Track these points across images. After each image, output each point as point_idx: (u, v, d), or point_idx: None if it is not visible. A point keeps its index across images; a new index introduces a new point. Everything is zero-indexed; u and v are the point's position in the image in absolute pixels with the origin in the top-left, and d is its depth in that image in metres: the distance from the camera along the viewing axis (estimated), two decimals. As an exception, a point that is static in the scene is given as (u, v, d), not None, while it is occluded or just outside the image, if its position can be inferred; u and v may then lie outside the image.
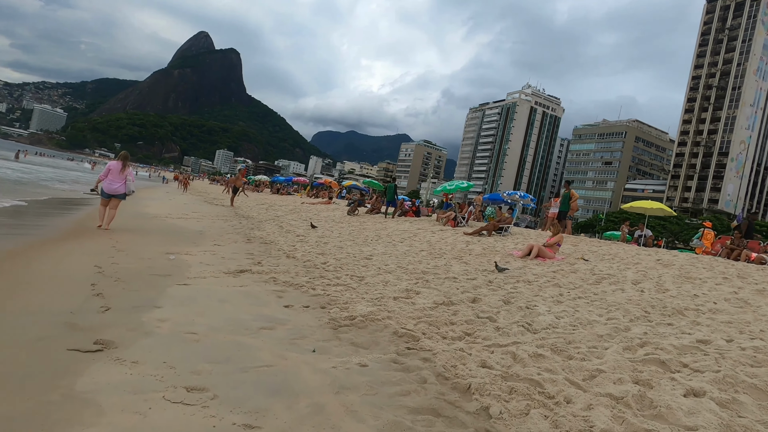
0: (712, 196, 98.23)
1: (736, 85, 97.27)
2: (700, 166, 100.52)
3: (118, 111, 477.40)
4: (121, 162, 9.80)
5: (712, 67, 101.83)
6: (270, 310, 4.54)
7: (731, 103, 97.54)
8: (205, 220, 13.51)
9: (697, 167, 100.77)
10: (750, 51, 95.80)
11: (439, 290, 5.98)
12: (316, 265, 7.22)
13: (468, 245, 11.26)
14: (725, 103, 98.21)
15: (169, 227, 11.12)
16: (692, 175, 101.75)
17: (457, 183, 17.33)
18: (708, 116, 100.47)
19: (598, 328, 4.60)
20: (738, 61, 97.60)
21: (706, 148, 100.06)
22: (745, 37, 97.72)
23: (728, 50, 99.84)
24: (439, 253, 9.75)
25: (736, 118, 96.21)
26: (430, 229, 14.28)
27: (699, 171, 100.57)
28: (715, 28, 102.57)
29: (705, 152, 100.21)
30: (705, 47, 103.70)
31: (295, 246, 9.28)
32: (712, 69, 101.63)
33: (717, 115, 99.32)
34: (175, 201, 21.79)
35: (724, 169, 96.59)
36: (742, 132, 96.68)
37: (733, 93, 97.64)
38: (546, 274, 7.88)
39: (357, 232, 12.86)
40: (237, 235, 10.45)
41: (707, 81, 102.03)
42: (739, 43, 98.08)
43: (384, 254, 8.99)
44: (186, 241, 8.80)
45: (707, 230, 17.61)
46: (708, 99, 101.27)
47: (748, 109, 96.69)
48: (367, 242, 10.85)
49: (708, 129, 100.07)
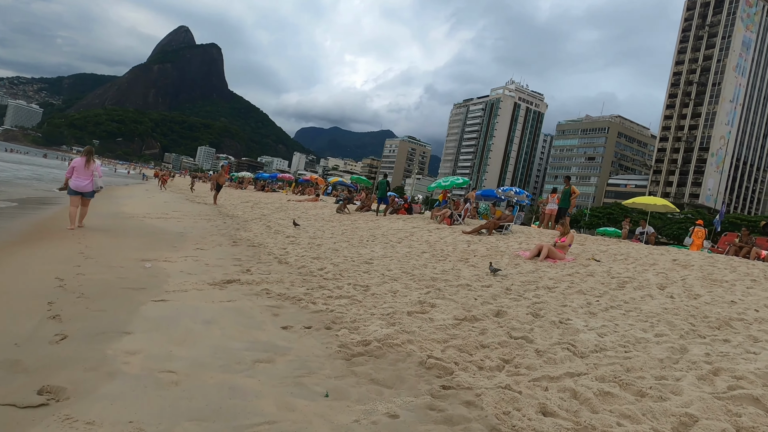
0: (693, 190, 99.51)
1: (716, 81, 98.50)
2: (682, 161, 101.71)
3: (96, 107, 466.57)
4: (84, 158, 9.13)
5: (692, 64, 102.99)
6: (266, 335, 3.76)
7: (711, 98, 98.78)
8: (187, 220, 12.60)
9: (679, 162, 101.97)
10: (729, 47, 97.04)
11: (456, 301, 5.26)
12: (312, 272, 6.44)
13: (470, 245, 10.58)
14: (705, 99, 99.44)
15: (147, 228, 10.20)
16: (674, 170, 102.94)
17: (452, 179, 16.51)
18: (689, 112, 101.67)
19: (652, 348, 3.93)
20: (718, 58, 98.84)
21: (687, 143, 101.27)
22: (724, 34, 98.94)
23: (708, 47, 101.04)
24: (442, 254, 9.04)
25: (716, 114, 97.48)
26: (425, 228, 13.58)
27: (680, 166, 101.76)
28: (696, 24, 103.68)
29: (686, 147, 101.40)
30: (686, 44, 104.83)
31: (287, 249, 8.47)
32: (693, 65, 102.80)
33: (698, 110, 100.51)
34: (155, 199, 20.72)
35: (705, 164, 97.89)
36: (722, 127, 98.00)
37: (713, 89, 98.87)
38: (563, 278, 7.23)
39: (350, 232, 12.08)
40: (222, 237, 9.60)
41: (688, 77, 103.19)
42: (719, 40, 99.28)
43: (384, 257, 8.24)
44: (165, 245, 7.94)
45: (698, 228, 17.33)
46: (689, 95, 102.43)
47: (728, 104, 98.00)
48: (364, 243, 10.08)
49: (689, 124, 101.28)
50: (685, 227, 57.08)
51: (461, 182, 16.59)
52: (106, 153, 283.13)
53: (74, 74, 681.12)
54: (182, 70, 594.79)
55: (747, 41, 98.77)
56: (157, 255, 6.84)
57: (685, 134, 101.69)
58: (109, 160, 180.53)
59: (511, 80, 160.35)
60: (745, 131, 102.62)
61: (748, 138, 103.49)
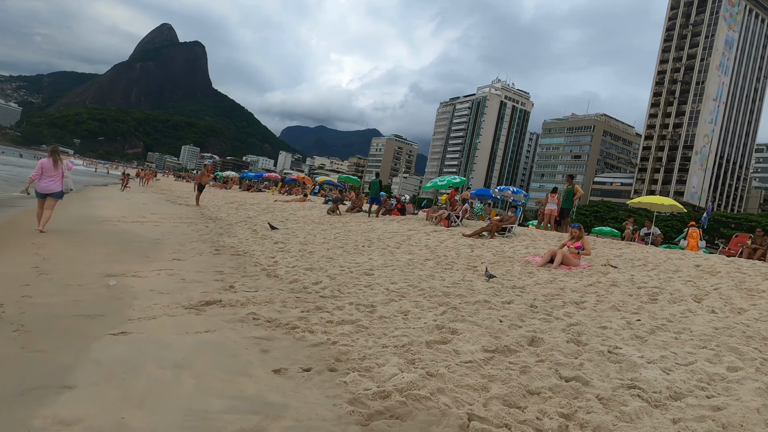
0: (677, 188, 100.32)
1: (700, 79, 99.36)
2: (666, 159, 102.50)
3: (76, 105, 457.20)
4: (51, 158, 8.66)
5: (676, 62, 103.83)
6: (254, 384, 2.90)
7: (695, 97, 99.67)
8: (165, 224, 11.62)
9: (664, 160, 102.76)
10: (713, 46, 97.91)
11: (479, 324, 4.44)
12: (306, 288, 5.57)
13: (473, 250, 9.80)
14: (690, 98, 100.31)
15: (119, 235, 9.22)
16: (659, 168, 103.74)
17: (449, 178, 15.62)
18: (673, 110, 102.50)
19: (737, 390, 3.15)
20: (701, 57, 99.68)
21: (672, 141, 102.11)
22: (708, 33, 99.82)
23: (692, 45, 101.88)
24: (447, 262, 8.24)
25: (700, 112, 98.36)
26: (422, 230, 12.77)
27: (665, 164, 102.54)
28: (680, 23, 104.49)
29: (671, 145, 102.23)
30: (670, 42, 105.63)
31: (276, 258, 7.58)
32: (677, 64, 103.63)
33: (682, 109, 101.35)
34: (133, 200, 19.59)
35: (689, 162, 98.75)
36: (706, 125, 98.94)
37: (697, 87, 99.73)
38: (586, 290, 6.47)
39: (343, 236, 11.23)
40: (203, 244, 8.67)
41: (672, 76, 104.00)
42: (703, 39, 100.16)
43: (385, 266, 7.40)
44: (137, 255, 7.01)
45: (692, 229, 17.05)
46: (673, 93, 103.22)
47: (711, 103, 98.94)
48: (360, 250, 9.22)
49: (673, 123, 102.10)
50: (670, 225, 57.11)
51: (458, 182, 15.74)
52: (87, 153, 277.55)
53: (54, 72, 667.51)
54: (165, 69, 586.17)
55: (730, 40, 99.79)
56: (125, 268, 5.92)
57: (670, 132, 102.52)
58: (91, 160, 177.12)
59: (497, 79, 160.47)
60: (728, 129, 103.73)
61: (730, 136, 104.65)
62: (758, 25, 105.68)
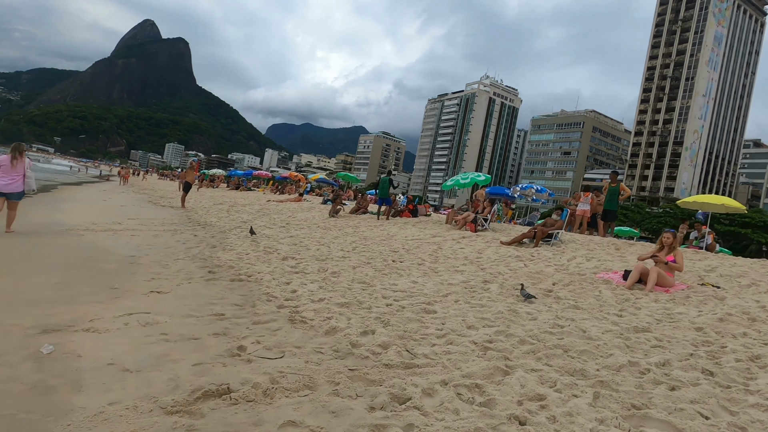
0: (668, 184, 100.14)
1: (690, 75, 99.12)
2: (656, 155, 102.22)
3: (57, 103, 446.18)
4: (10, 155, 8.03)
5: (666, 58, 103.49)
6: None
7: (685, 93, 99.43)
8: (145, 233, 9.56)
9: (653, 156, 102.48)
10: (702, 42, 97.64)
11: (676, 427, 2.58)
12: (356, 346, 3.60)
13: (525, 263, 7.95)
14: (679, 94, 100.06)
15: (83, 250, 7.16)
16: (649, 164, 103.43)
17: (472, 175, 13.54)
18: (663, 106, 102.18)
19: None
20: (691, 52, 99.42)
21: (662, 137, 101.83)
22: (697, 29, 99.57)
23: (681, 41, 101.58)
24: (509, 284, 6.36)
25: (690, 108, 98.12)
26: (448, 236, 10.89)
27: (655, 160, 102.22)
28: (669, 19, 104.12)
29: (660, 142, 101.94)
30: (659, 38, 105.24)
31: (293, 285, 5.59)
32: (667, 60, 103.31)
33: (672, 105, 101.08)
34: (110, 203, 17.37)
35: (679, 158, 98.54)
36: (696, 122, 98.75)
37: (686, 83, 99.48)
38: (726, 329, 4.65)
39: (362, 246, 9.29)
40: (191, 263, 6.67)
41: (662, 71, 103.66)
42: (692, 35, 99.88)
43: (440, 294, 5.47)
44: (99, 285, 5.00)
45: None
46: (663, 89, 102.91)
47: (701, 99, 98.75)
48: (391, 266, 7.29)
49: (663, 119, 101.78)
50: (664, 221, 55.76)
51: (483, 179, 13.68)
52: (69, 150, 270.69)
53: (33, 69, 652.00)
54: (148, 65, 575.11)
55: (719, 36, 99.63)
56: (76, 313, 3.93)
57: (660, 128, 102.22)
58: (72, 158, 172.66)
59: (486, 75, 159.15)
60: (716, 125, 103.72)
61: (719, 132, 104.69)
62: (746, 21, 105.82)
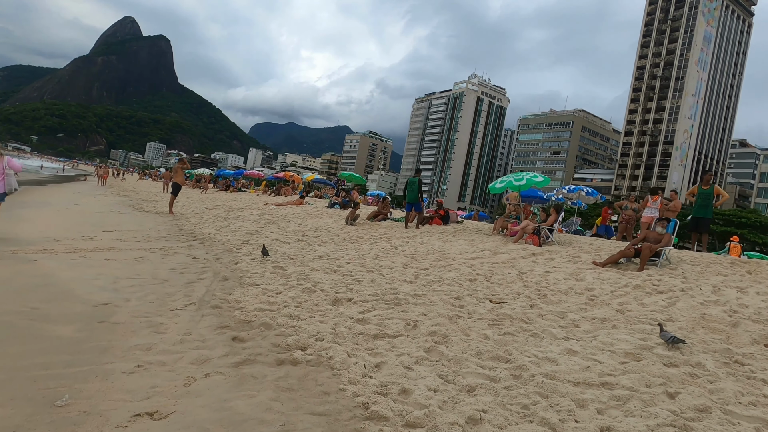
0: (658, 184, 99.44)
1: (680, 75, 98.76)
2: (647, 154, 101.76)
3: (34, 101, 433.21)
4: None
5: (656, 58, 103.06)
6: None
7: (675, 92, 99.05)
8: (124, 254, 7.15)
9: (644, 156, 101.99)
10: (692, 42, 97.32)
11: None
12: None
13: (665, 300, 5.78)
14: (669, 93, 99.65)
15: (26, 294, 4.73)
16: (639, 164, 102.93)
17: (528, 176, 11.10)
18: (653, 105, 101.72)
19: None
20: (681, 52, 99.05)
21: (652, 137, 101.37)
22: (686, 28, 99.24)
23: (671, 41, 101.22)
24: (645, 334, 4.17)
25: (680, 108, 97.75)
26: (513, 253, 8.68)
27: (645, 160, 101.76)
28: (658, 19, 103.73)
29: (651, 141, 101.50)
30: (649, 38, 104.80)
31: (386, 369, 3.33)
32: (656, 59, 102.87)
33: (662, 104, 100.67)
34: (83, 207, 14.74)
35: (670, 158, 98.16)
36: (686, 121, 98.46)
37: (676, 83, 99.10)
38: None
39: (421, 271, 7.02)
40: (199, 318, 4.31)
41: (652, 71, 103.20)
42: (681, 34, 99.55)
43: (585, 371, 3.28)
44: (29, 404, 2.67)
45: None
46: (653, 89, 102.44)
47: (691, 98, 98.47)
48: (500, 314, 5.05)
49: (653, 118, 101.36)
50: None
51: (542, 181, 11.20)
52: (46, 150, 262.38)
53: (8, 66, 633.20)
54: (129, 63, 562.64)
55: (708, 36, 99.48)
56: None
57: (650, 128, 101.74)
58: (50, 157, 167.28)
59: (473, 74, 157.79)
60: (706, 125, 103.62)
61: (708, 132, 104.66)
62: (734, 21, 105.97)
